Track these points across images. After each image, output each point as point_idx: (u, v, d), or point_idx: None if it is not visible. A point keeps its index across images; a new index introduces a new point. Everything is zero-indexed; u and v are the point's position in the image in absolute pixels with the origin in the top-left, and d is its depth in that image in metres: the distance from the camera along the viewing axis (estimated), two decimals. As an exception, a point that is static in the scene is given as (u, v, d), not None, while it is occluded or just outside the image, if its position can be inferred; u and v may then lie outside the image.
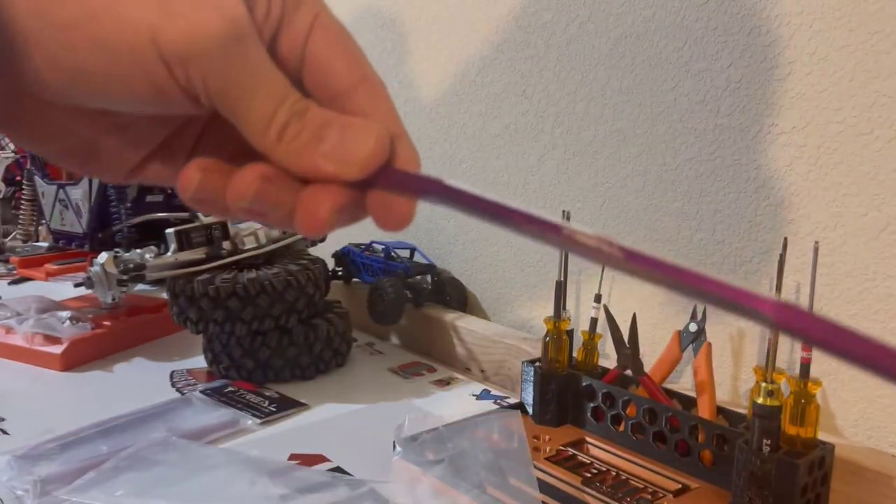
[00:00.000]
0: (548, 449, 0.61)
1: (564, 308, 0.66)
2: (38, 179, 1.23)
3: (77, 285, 0.94)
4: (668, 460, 0.58)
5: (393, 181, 0.24)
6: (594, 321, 0.66)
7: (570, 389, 0.65)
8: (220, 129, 0.27)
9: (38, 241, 1.46)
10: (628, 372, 0.63)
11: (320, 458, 0.62)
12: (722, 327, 0.66)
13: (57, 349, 0.83)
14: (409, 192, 0.24)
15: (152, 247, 0.86)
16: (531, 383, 0.66)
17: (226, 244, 0.83)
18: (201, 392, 0.75)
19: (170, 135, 0.28)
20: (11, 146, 1.60)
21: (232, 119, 0.24)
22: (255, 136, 0.24)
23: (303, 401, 0.74)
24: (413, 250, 0.96)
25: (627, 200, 0.75)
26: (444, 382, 0.81)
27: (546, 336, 0.66)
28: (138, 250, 0.86)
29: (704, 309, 0.62)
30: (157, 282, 0.93)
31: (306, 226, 0.24)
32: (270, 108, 0.23)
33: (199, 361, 0.84)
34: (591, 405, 0.64)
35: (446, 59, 0.94)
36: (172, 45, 0.22)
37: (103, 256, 0.83)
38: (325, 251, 0.96)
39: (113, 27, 0.22)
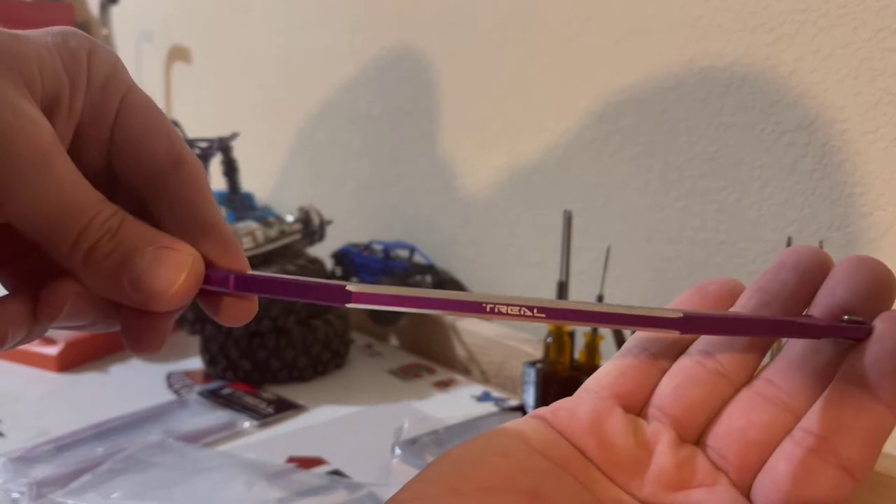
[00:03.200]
0: (549, 451, 0.61)
1: (566, 308, 0.65)
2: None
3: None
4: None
5: (214, 288, 0.24)
6: (596, 322, 0.66)
7: (572, 391, 0.64)
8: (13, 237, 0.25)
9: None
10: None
11: (318, 461, 0.61)
12: (725, 328, 0.66)
13: (52, 350, 0.82)
14: (237, 292, 0.24)
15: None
16: (532, 385, 0.66)
17: (223, 244, 0.82)
18: (198, 394, 0.74)
19: None
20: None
21: (35, 237, 0.22)
22: (61, 257, 0.22)
23: (301, 403, 0.73)
24: (413, 250, 0.95)
25: (630, 199, 0.75)
26: (444, 384, 0.80)
27: (547, 337, 0.65)
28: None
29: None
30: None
31: (137, 348, 0.24)
32: (78, 227, 0.21)
33: (196, 363, 0.83)
34: (593, 407, 0.63)
35: (446, 56, 0.93)
36: None
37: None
38: (323, 251, 0.95)
39: None
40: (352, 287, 0.23)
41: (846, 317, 0.22)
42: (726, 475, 0.23)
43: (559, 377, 0.64)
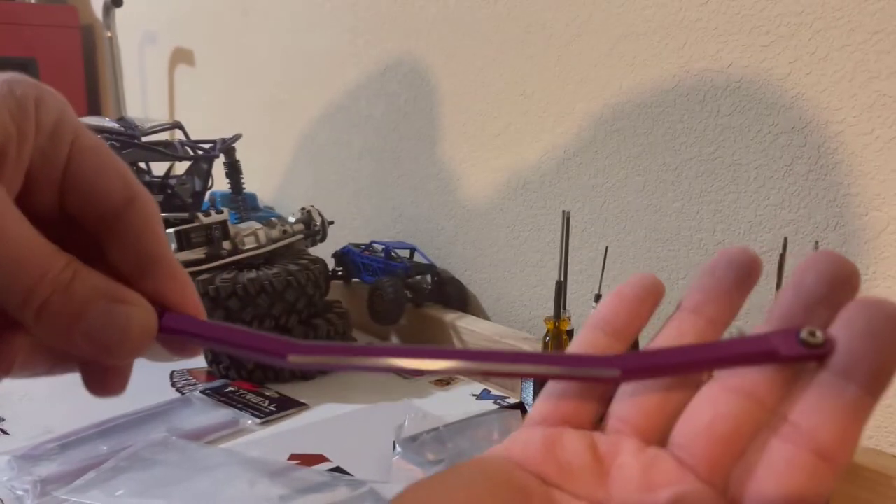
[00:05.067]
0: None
1: (564, 308, 0.66)
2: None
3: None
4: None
5: (165, 335, 0.24)
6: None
7: (571, 389, 0.65)
8: None
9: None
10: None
11: (320, 459, 0.62)
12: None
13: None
14: (187, 338, 0.24)
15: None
16: (531, 383, 0.66)
17: (226, 244, 0.83)
18: (201, 392, 0.75)
19: None
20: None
21: None
22: (12, 312, 0.22)
23: (303, 401, 0.74)
24: (413, 250, 0.96)
25: (628, 200, 0.75)
26: (444, 382, 0.81)
27: (546, 336, 0.66)
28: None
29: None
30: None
31: (98, 393, 0.24)
32: (28, 284, 0.21)
33: (199, 361, 0.84)
34: (592, 405, 0.64)
35: (446, 58, 0.94)
36: None
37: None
38: (325, 251, 0.96)
39: None
40: (293, 357, 0.22)
41: (804, 331, 0.22)
42: (695, 471, 0.22)
43: (558, 376, 0.65)
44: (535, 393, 0.66)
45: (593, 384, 0.26)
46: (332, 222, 0.96)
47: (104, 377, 0.24)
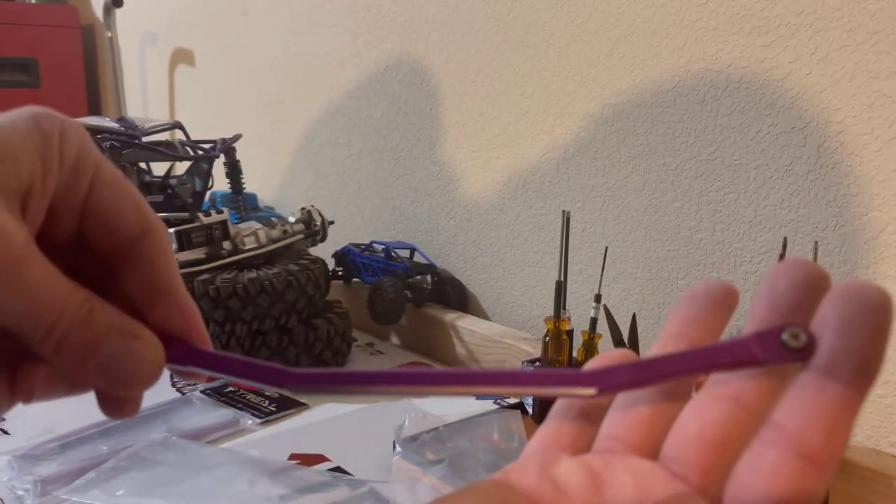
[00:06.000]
0: (548, 449, 0.61)
1: (564, 308, 0.66)
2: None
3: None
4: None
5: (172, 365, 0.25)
6: (594, 321, 0.66)
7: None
8: None
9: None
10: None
11: (320, 458, 0.62)
12: (722, 327, 0.66)
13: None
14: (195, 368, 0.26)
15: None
16: (531, 383, 0.66)
17: (226, 244, 0.83)
18: (201, 392, 0.75)
19: None
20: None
21: (8, 329, 0.23)
22: (32, 346, 0.23)
23: (303, 401, 0.74)
24: (413, 250, 0.96)
25: (627, 200, 0.75)
26: (444, 382, 0.81)
27: (546, 336, 0.66)
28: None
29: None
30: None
31: (113, 416, 0.26)
32: (49, 322, 0.22)
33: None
34: (591, 405, 0.64)
35: (446, 58, 0.94)
36: None
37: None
38: (325, 251, 0.96)
39: None
40: (290, 387, 0.24)
41: (786, 333, 0.21)
42: (687, 480, 0.22)
43: (558, 376, 0.65)
44: (535, 393, 0.66)
45: (576, 400, 0.26)
46: (332, 222, 0.96)
47: (118, 403, 0.26)
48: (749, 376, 0.22)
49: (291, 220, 0.91)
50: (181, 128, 0.97)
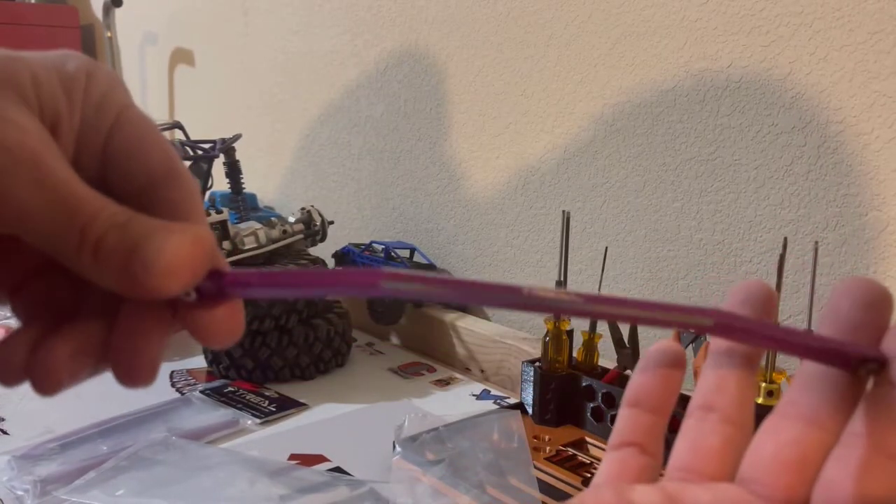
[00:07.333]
0: (548, 449, 0.61)
1: (564, 308, 0.66)
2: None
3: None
4: (668, 460, 0.58)
5: (225, 287, 0.23)
6: (594, 321, 0.66)
7: (570, 389, 0.65)
8: (23, 257, 0.25)
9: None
10: (628, 372, 0.63)
11: (320, 459, 0.62)
12: (722, 327, 0.66)
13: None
14: (250, 293, 0.23)
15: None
16: (531, 383, 0.66)
17: (226, 244, 0.83)
18: (201, 392, 0.75)
19: None
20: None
21: (40, 242, 0.22)
22: (69, 258, 0.22)
23: (303, 401, 0.74)
24: (413, 250, 0.96)
25: (627, 200, 0.75)
26: (444, 382, 0.81)
27: (546, 336, 0.66)
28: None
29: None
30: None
31: (128, 379, 0.24)
32: (82, 221, 0.22)
33: (199, 361, 0.84)
34: (591, 405, 0.64)
35: (446, 58, 0.94)
36: None
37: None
38: (325, 251, 0.96)
39: None
40: (385, 282, 0.21)
41: (863, 369, 0.22)
42: (770, 499, 0.22)
43: (558, 376, 0.65)
44: (535, 394, 0.66)
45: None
46: (332, 222, 0.96)
47: (134, 360, 0.24)
48: (820, 396, 0.23)
49: (291, 220, 0.91)
50: (181, 127, 0.97)
